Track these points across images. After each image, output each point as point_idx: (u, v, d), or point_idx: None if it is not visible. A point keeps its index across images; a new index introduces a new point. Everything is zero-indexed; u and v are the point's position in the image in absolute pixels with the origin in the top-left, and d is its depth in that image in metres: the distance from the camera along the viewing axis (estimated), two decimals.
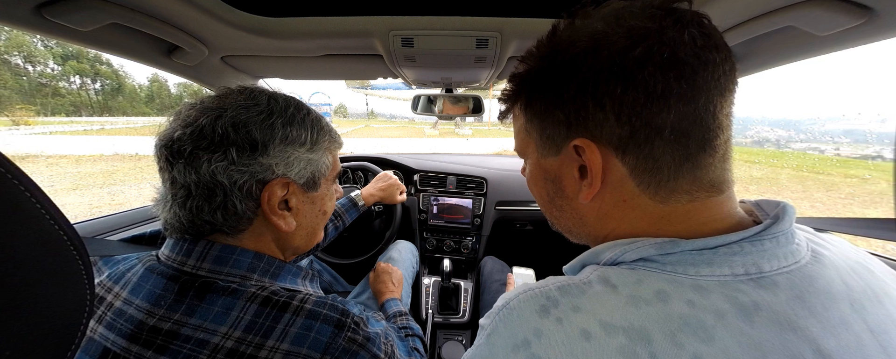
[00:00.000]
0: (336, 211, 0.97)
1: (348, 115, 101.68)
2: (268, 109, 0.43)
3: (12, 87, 38.57)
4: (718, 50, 0.27)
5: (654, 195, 0.29)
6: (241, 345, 0.37)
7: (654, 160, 0.28)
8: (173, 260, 0.42)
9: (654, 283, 0.26)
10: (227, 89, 0.45)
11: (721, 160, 0.29)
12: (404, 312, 0.80)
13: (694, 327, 0.23)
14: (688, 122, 0.27)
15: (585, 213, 0.34)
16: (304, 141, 0.46)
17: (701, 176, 0.29)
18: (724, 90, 0.27)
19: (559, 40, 0.30)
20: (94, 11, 0.56)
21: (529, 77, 0.33)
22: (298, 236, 0.50)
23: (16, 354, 0.20)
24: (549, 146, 0.33)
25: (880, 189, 5.60)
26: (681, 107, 0.26)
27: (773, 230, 0.27)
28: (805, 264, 0.27)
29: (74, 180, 6.80)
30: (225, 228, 0.43)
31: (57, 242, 0.22)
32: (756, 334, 0.23)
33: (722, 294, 0.25)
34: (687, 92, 0.26)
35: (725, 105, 0.28)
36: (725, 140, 0.29)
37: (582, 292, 0.28)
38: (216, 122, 0.40)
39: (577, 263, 0.34)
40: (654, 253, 0.28)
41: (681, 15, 0.27)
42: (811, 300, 0.25)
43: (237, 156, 0.40)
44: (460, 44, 0.76)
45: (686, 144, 0.27)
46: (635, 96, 0.26)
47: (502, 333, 0.29)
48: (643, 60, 0.26)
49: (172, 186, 0.41)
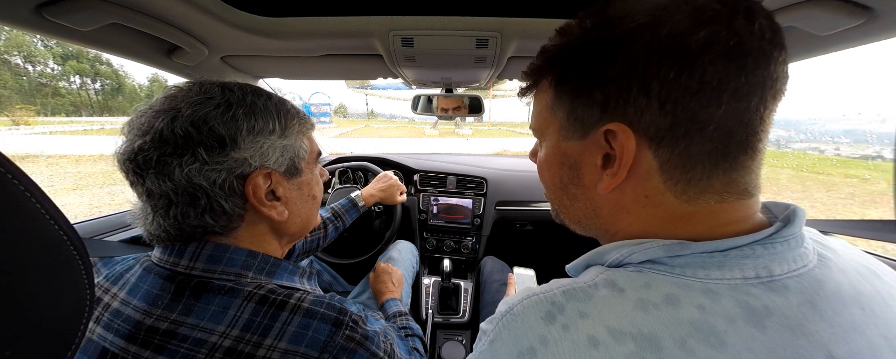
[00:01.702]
0: (336, 211, 0.97)
1: (348, 115, 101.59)
2: (225, 101, 0.41)
3: (12, 87, 38.56)
4: (782, 48, 0.25)
5: (680, 193, 0.28)
6: (239, 343, 0.37)
7: (689, 157, 0.26)
8: (166, 262, 0.42)
9: (663, 286, 0.25)
10: (175, 87, 0.43)
11: (758, 165, 0.28)
12: (404, 312, 0.80)
13: (705, 332, 0.23)
14: (735, 120, 0.25)
15: (601, 204, 0.32)
16: (273, 129, 0.44)
17: (736, 179, 0.27)
18: (777, 92, 0.26)
19: (613, 12, 0.27)
20: (94, 11, 0.56)
21: (568, 49, 0.30)
22: (293, 224, 0.50)
23: (16, 354, 0.20)
24: (575, 128, 0.31)
25: (880, 189, 5.60)
26: (733, 103, 0.24)
27: (784, 233, 0.26)
28: (813, 268, 0.26)
29: (74, 180, 6.80)
30: (217, 228, 0.42)
31: (57, 243, 0.22)
32: (768, 339, 0.22)
33: (733, 298, 0.24)
34: (743, 88, 0.24)
35: (774, 109, 0.27)
36: (765, 144, 0.27)
37: (588, 297, 0.27)
38: (173, 123, 0.38)
39: (580, 263, 0.34)
40: (662, 255, 0.27)
41: (752, 3, 0.25)
42: (821, 305, 0.24)
43: (207, 155, 0.39)
44: (460, 44, 0.76)
45: (727, 144, 0.26)
46: (688, 84, 0.24)
47: (506, 340, 0.28)
48: (706, 45, 0.24)
49: (150, 199, 0.40)
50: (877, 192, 5.43)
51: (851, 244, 0.34)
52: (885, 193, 5.08)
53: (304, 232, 0.54)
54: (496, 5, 0.65)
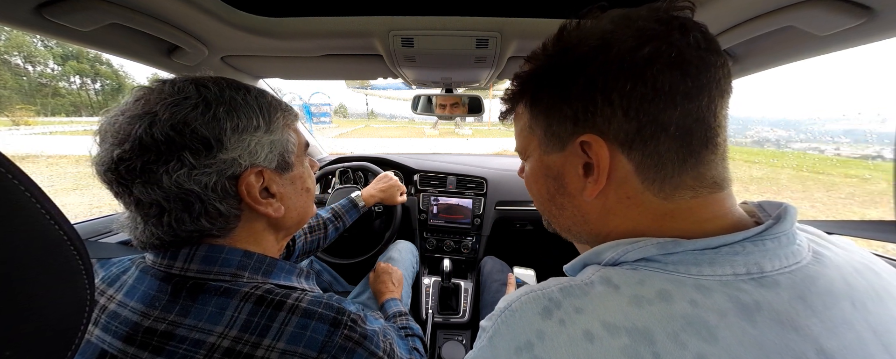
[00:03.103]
0: (336, 212, 0.97)
1: (348, 115, 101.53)
2: (202, 100, 0.39)
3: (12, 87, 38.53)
4: (718, 54, 0.29)
5: (658, 192, 0.30)
6: (237, 344, 0.37)
7: (659, 156, 0.29)
8: (160, 265, 0.42)
9: (657, 283, 0.26)
10: (145, 88, 0.40)
11: (721, 158, 0.30)
12: (404, 312, 0.80)
13: (697, 326, 0.23)
14: (691, 119, 0.28)
15: (588, 210, 0.34)
16: (257, 125, 0.42)
17: (704, 173, 0.29)
18: (723, 91, 0.29)
19: (569, 38, 0.31)
20: (94, 11, 0.56)
21: (536, 74, 0.34)
22: (290, 218, 0.50)
23: (16, 354, 0.20)
24: (553, 143, 0.34)
25: (880, 189, 5.60)
26: (686, 104, 0.28)
27: (774, 230, 0.27)
28: (806, 264, 0.27)
29: (74, 180, 6.79)
30: (215, 230, 0.42)
31: (57, 243, 0.22)
32: (758, 333, 0.23)
33: (724, 294, 0.25)
34: (692, 90, 0.28)
35: (724, 106, 0.29)
36: (724, 139, 0.30)
37: (584, 293, 0.28)
38: (152, 129, 0.36)
39: (577, 262, 0.34)
40: (656, 253, 0.28)
41: (684, 21, 0.29)
42: (812, 300, 0.25)
43: (194, 159, 0.38)
44: (460, 44, 0.76)
45: (689, 141, 0.28)
46: (643, 92, 0.28)
47: (505, 335, 0.29)
48: (651, 59, 0.27)
49: (139, 208, 0.39)
50: (877, 192, 5.43)
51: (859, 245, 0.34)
52: (885, 193, 5.08)
53: (301, 224, 0.54)
54: (496, 5, 0.65)
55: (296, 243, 0.83)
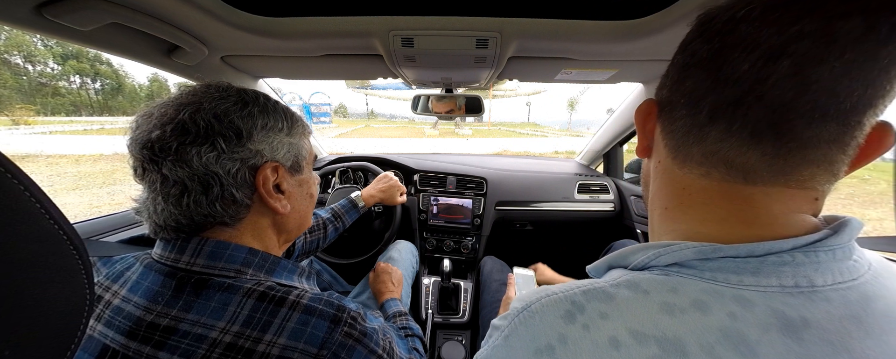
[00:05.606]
0: (336, 212, 0.97)
1: (348, 115, 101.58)
2: (241, 100, 0.45)
3: (12, 86, 38.53)
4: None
5: (674, 158, 0.30)
6: (239, 339, 0.37)
7: (672, 122, 0.29)
8: (167, 258, 0.43)
9: (691, 291, 0.24)
10: (195, 85, 0.46)
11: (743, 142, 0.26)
12: (404, 312, 0.80)
13: (735, 341, 0.22)
14: (702, 90, 0.27)
15: (647, 173, 0.36)
16: (281, 127, 0.48)
17: (713, 150, 0.27)
18: None
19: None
20: (94, 11, 0.56)
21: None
22: (292, 220, 0.52)
23: (16, 353, 0.20)
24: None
25: (880, 189, 5.60)
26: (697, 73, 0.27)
27: (830, 242, 0.25)
28: (863, 283, 0.24)
29: (74, 180, 6.80)
30: (226, 218, 0.44)
31: (57, 242, 0.22)
32: (805, 352, 0.21)
33: (767, 307, 0.23)
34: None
35: None
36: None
37: (609, 298, 0.26)
38: (196, 115, 0.41)
39: (602, 264, 0.33)
40: (691, 258, 0.26)
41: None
42: (869, 322, 0.22)
43: (225, 145, 0.42)
44: (460, 44, 0.76)
45: (695, 114, 0.27)
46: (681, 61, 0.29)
47: (523, 336, 0.28)
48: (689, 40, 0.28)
49: (163, 186, 0.41)
50: (877, 192, 5.43)
51: None
52: (885, 193, 5.06)
53: (301, 230, 0.56)
54: (496, 5, 0.65)
55: (296, 243, 0.83)
